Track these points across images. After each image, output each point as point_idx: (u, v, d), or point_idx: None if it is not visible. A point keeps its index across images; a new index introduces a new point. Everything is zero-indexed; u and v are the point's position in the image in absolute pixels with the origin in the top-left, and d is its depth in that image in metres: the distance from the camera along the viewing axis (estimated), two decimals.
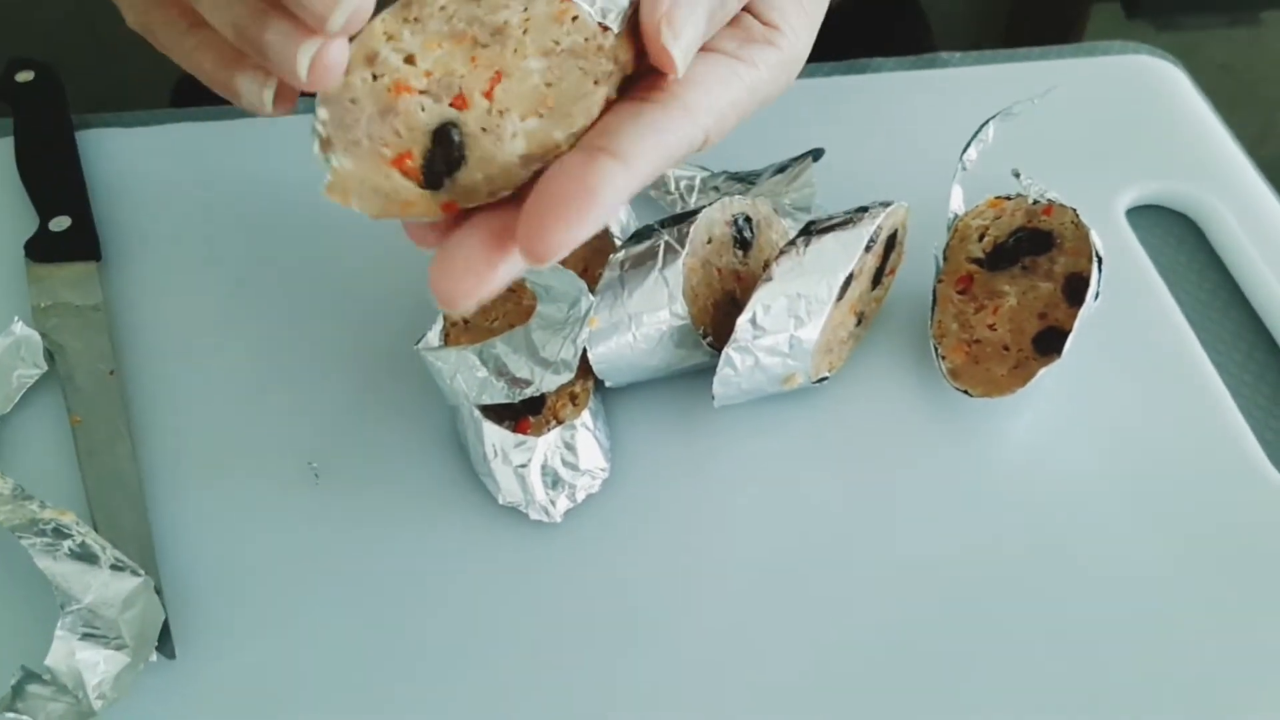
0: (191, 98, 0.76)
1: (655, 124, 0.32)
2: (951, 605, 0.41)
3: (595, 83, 0.33)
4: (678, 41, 0.32)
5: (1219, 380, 0.47)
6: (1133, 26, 1.50)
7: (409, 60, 0.31)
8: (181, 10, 0.35)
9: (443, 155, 0.31)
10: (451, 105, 0.32)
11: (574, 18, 0.32)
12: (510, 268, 0.31)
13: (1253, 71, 1.49)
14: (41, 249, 0.50)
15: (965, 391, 0.44)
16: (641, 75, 0.34)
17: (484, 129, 0.32)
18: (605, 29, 0.33)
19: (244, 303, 0.50)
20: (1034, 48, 0.63)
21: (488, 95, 0.32)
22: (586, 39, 0.33)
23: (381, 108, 0.31)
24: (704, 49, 0.35)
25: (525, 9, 0.32)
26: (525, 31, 0.32)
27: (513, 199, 0.32)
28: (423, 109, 0.31)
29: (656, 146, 0.32)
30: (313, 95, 0.31)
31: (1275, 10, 1.56)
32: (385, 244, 0.51)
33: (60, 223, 0.51)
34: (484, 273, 0.31)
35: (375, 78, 0.31)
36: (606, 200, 0.30)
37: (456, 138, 0.31)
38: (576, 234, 0.29)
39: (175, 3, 0.35)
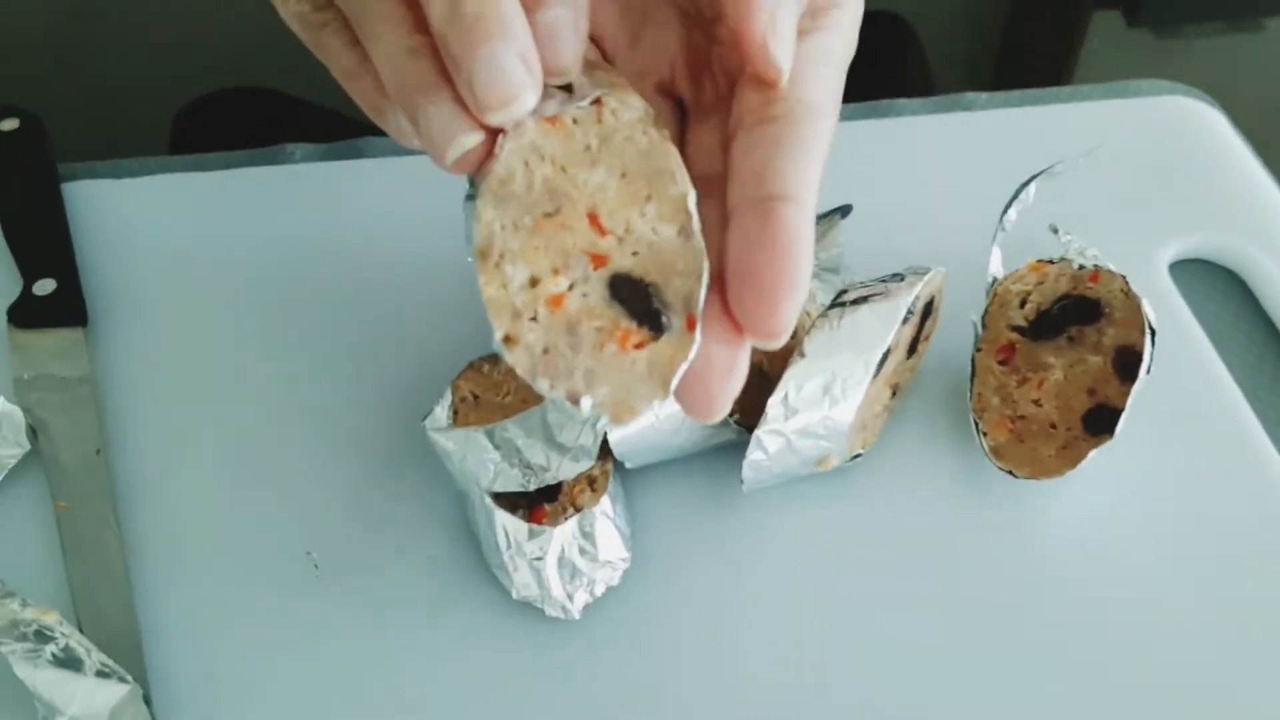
0: (193, 137, 0.73)
1: (798, 142, 0.30)
2: (993, 704, 0.38)
3: (644, 133, 0.31)
4: (783, 46, 0.30)
5: (1273, 450, 0.45)
6: (1134, 35, 1.48)
7: (534, 283, 0.29)
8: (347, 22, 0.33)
9: (637, 304, 0.30)
10: (594, 268, 0.30)
11: (573, 120, 0.30)
12: (746, 356, 0.30)
13: (1257, 83, 1.47)
14: (24, 314, 0.48)
15: (1010, 472, 0.41)
16: (714, 94, 0.33)
17: (635, 252, 0.30)
18: (596, 101, 0.31)
19: (242, 373, 0.47)
20: (1063, 87, 0.60)
21: (603, 233, 0.30)
22: (600, 120, 0.31)
23: (567, 334, 0.29)
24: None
25: (529, 159, 0.30)
26: (564, 169, 0.30)
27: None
28: (584, 295, 0.30)
29: (812, 164, 0.30)
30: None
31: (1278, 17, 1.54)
32: (393, 313, 0.49)
33: (45, 285, 0.48)
34: (733, 369, 0.30)
35: (533, 320, 0.29)
36: (805, 249, 0.28)
37: (628, 280, 0.30)
38: (798, 299, 0.28)
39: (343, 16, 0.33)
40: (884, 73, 0.78)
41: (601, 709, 0.38)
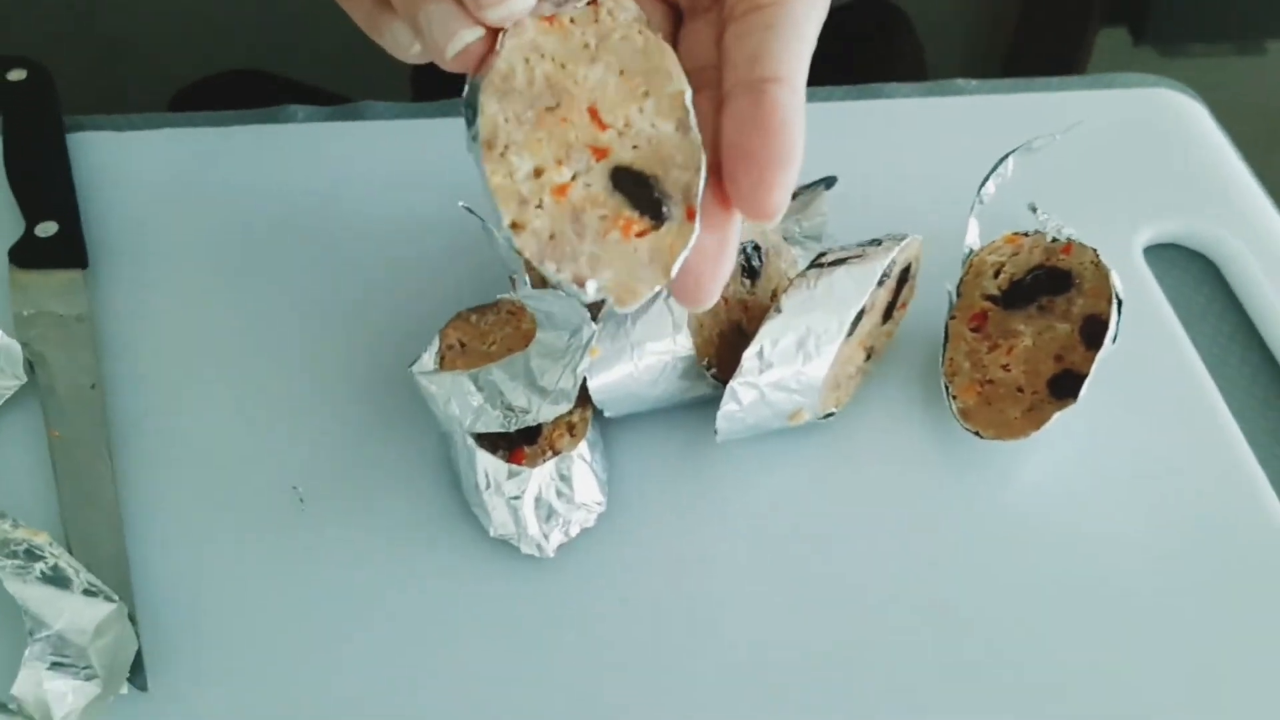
0: (192, 107, 0.75)
1: (788, 25, 0.31)
2: (956, 650, 0.39)
3: (640, 33, 0.32)
4: None
5: (1236, 428, 0.46)
6: (1139, 53, 1.50)
7: (538, 173, 0.31)
8: None
9: (639, 193, 0.31)
10: (596, 160, 0.31)
11: (570, 20, 0.32)
12: (735, 242, 0.32)
13: (1259, 103, 1.48)
14: (26, 255, 0.49)
15: (976, 433, 0.43)
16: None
17: (635, 146, 0.31)
18: (592, 1, 0.32)
19: (234, 317, 0.48)
20: (1051, 77, 0.62)
21: (603, 127, 0.32)
22: (597, 20, 0.32)
23: (572, 221, 0.31)
24: None
25: (529, 56, 0.31)
26: (564, 66, 0.31)
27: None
28: (588, 185, 0.31)
29: (802, 45, 0.31)
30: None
31: None
32: (386, 265, 0.50)
33: (47, 228, 0.50)
34: (722, 254, 0.31)
35: (539, 207, 0.31)
36: (797, 128, 0.29)
37: (629, 172, 0.31)
38: (790, 177, 0.29)
39: None
40: (877, 59, 0.79)
41: (571, 645, 0.39)
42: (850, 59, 0.78)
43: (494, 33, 0.31)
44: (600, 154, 0.31)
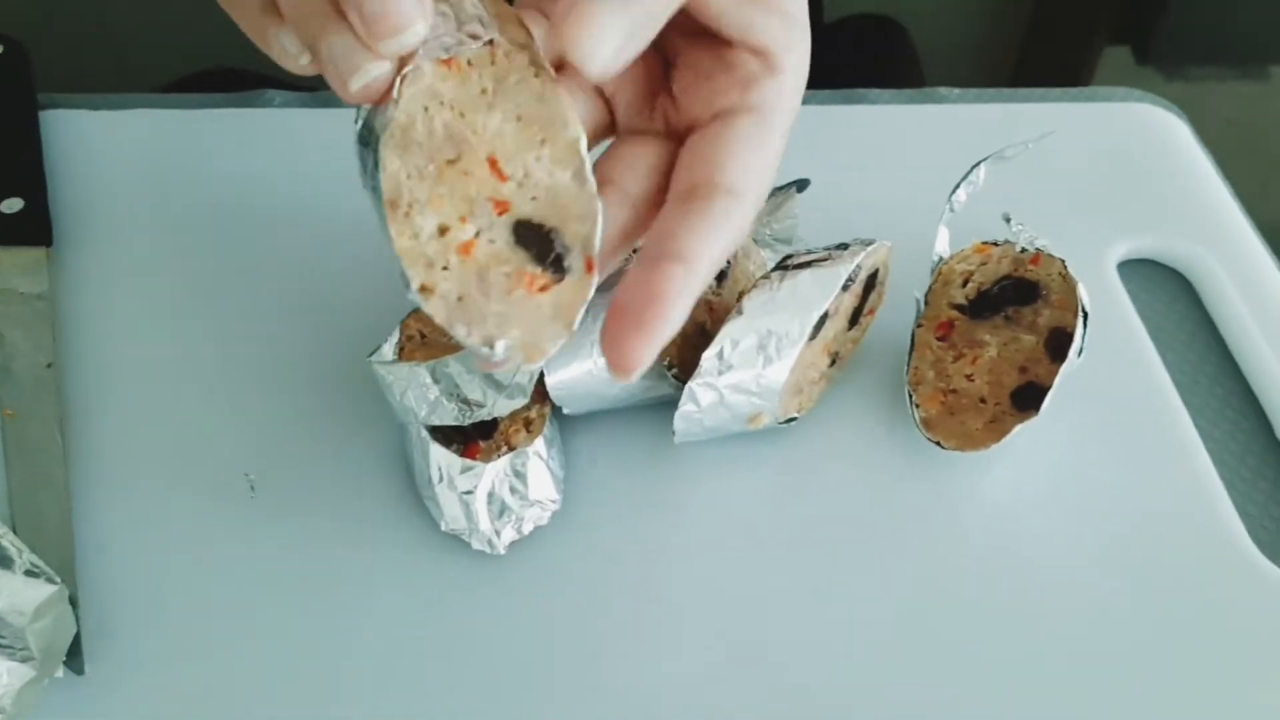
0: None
1: (706, 223, 0.32)
2: (910, 662, 0.39)
3: (535, 76, 0.32)
4: (585, 35, 0.30)
5: (1202, 448, 0.45)
6: (1141, 73, 1.49)
7: (443, 231, 0.30)
8: None
9: (540, 249, 0.31)
10: (497, 214, 0.31)
11: (468, 61, 0.31)
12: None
13: (1257, 128, 1.48)
14: None
15: (937, 443, 0.42)
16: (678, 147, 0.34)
17: (534, 197, 0.31)
18: (489, 42, 0.31)
19: (195, 301, 0.48)
20: (1035, 88, 0.61)
21: (503, 178, 0.31)
22: (494, 62, 0.32)
23: (478, 280, 0.30)
24: (715, 114, 0.34)
25: (428, 105, 0.31)
26: (462, 115, 0.31)
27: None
28: (491, 240, 0.31)
29: (715, 240, 0.32)
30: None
31: None
32: (349, 251, 0.50)
33: (12, 204, 0.49)
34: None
35: (445, 269, 0.30)
36: (676, 304, 0.30)
37: (529, 226, 0.31)
38: (655, 342, 0.30)
39: None
40: (874, 73, 0.79)
41: (518, 644, 0.39)
42: (847, 72, 0.78)
43: (399, 65, 0.30)
44: (501, 207, 0.31)
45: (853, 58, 0.81)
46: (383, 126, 0.30)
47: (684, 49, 0.36)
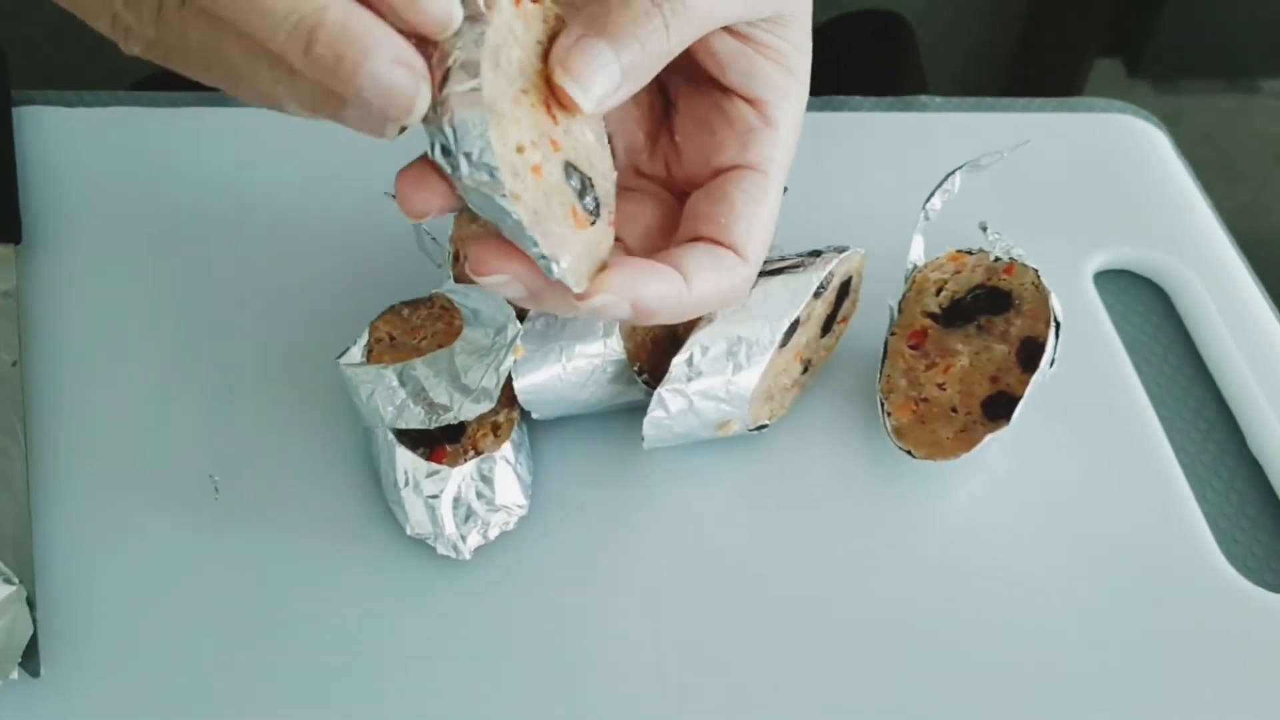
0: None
1: (715, 258, 0.34)
2: (879, 670, 0.39)
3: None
4: (575, 77, 0.32)
5: (1174, 460, 0.45)
6: (1133, 85, 1.50)
7: (520, 149, 0.31)
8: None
9: (582, 188, 0.33)
10: (554, 151, 0.32)
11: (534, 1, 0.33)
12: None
13: (1242, 142, 1.49)
14: None
15: (908, 452, 0.42)
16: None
17: (574, 146, 0.33)
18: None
19: (163, 301, 0.47)
20: (1018, 98, 0.61)
21: (555, 121, 0.33)
22: (545, 19, 0.33)
23: (545, 200, 0.31)
24: (715, 170, 0.35)
25: (507, 38, 0.31)
26: (526, 55, 0.32)
27: None
28: (549, 171, 0.32)
29: (714, 280, 0.34)
30: None
31: (1275, 80, 1.56)
32: (319, 251, 0.50)
33: None
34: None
35: (522, 182, 0.31)
36: (659, 312, 0.33)
37: (575, 169, 0.33)
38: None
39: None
40: (880, 68, 0.79)
41: (483, 650, 0.38)
42: (852, 68, 0.78)
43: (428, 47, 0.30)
44: (555, 145, 0.32)
45: (855, 55, 0.81)
46: (476, 41, 0.30)
47: (685, 93, 0.38)
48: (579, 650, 0.39)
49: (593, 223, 0.33)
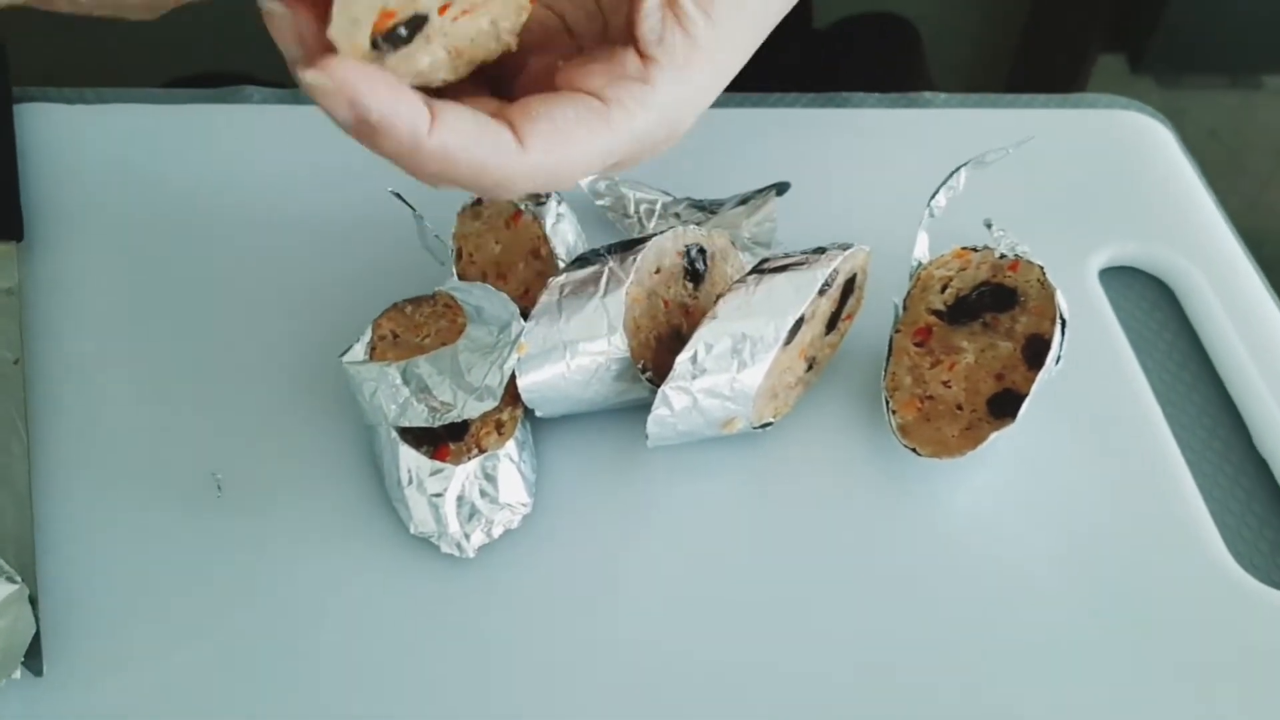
0: None
1: (482, 132, 0.32)
2: (884, 667, 0.38)
3: None
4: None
5: (1180, 457, 0.45)
6: (1135, 81, 1.49)
7: None
8: None
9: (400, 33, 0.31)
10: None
11: None
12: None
13: (1245, 137, 1.48)
14: None
15: (914, 450, 0.42)
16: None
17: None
18: None
19: (166, 298, 0.47)
20: (1020, 94, 0.61)
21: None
22: None
23: None
24: (569, 85, 0.34)
25: None
26: None
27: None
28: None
29: (470, 148, 0.32)
30: None
31: (1279, 76, 1.56)
32: (323, 249, 0.49)
33: None
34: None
35: None
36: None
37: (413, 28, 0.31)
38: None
39: None
40: (887, 72, 0.79)
41: (486, 648, 0.38)
42: (857, 71, 0.78)
43: None
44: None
45: (860, 58, 0.81)
46: None
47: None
48: (584, 647, 0.38)
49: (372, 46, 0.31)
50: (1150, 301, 0.52)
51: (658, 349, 0.43)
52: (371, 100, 0.30)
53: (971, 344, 0.43)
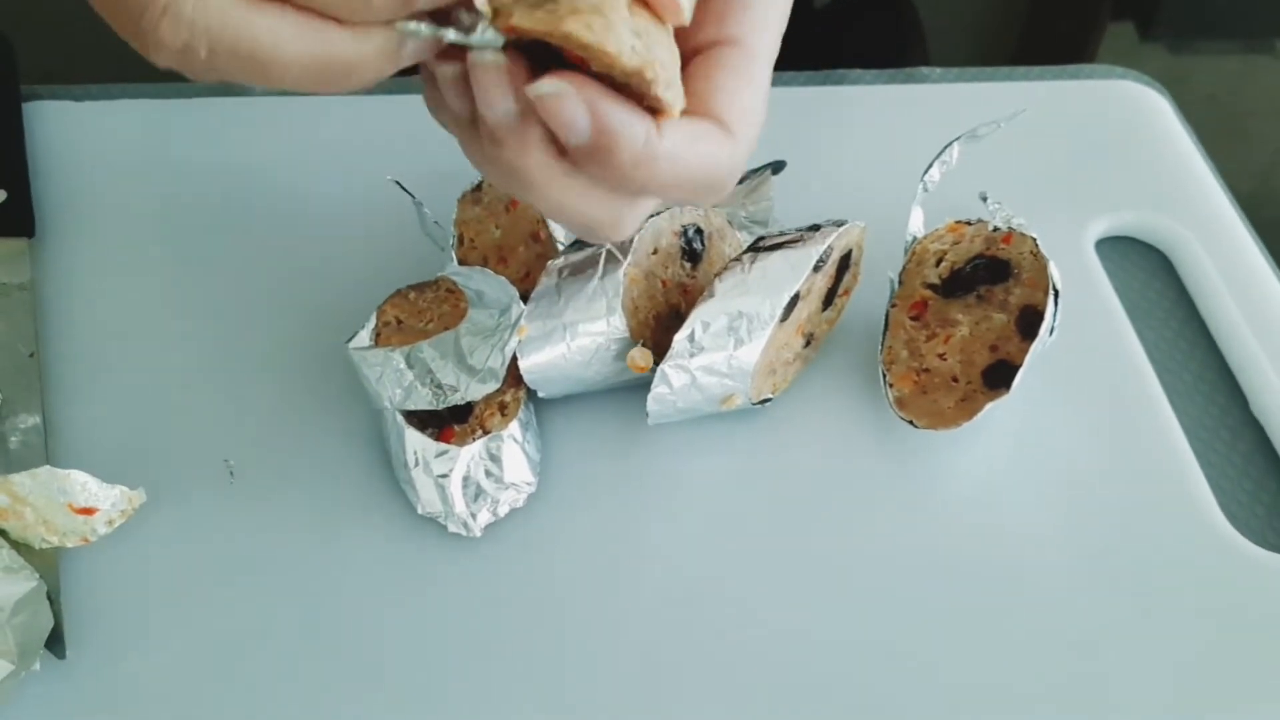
0: None
1: (693, 129, 0.30)
2: (884, 639, 0.39)
3: None
4: None
5: (1177, 423, 0.46)
6: (1145, 48, 1.48)
7: None
8: None
9: None
10: None
11: None
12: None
13: (1251, 105, 1.47)
14: None
15: (911, 422, 0.42)
16: None
17: None
18: None
19: (176, 290, 0.48)
20: (1018, 67, 0.61)
21: None
22: None
23: None
24: (696, 47, 0.32)
25: None
26: None
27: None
28: None
29: (692, 148, 0.30)
30: None
31: None
32: (329, 238, 0.50)
33: None
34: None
35: None
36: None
37: None
38: None
39: None
40: (883, 51, 0.79)
41: (494, 626, 0.39)
42: (855, 46, 0.78)
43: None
44: None
45: (858, 33, 0.81)
46: None
47: None
48: (590, 624, 0.39)
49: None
50: (1147, 270, 0.53)
51: (656, 328, 0.44)
52: (607, 104, 0.28)
53: (966, 316, 0.44)
